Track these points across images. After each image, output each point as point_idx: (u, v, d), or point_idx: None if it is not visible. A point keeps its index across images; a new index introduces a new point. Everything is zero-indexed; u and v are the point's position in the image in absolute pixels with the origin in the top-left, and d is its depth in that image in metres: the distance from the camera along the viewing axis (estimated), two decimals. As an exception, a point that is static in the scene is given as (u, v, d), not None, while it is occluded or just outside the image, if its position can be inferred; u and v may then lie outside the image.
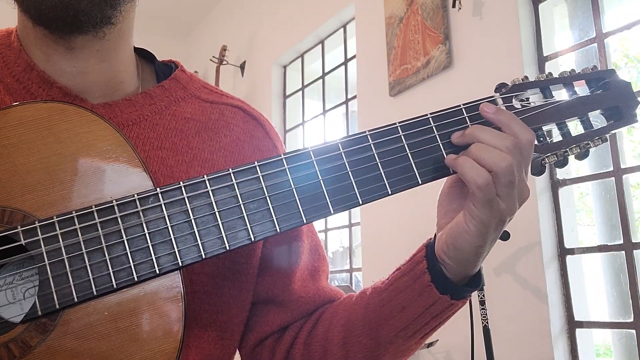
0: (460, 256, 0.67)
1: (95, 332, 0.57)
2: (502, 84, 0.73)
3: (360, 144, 0.66)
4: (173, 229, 0.60)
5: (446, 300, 0.69)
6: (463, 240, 0.66)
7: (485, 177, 0.63)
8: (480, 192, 0.63)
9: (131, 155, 0.62)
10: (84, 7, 0.66)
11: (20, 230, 0.57)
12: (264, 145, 0.83)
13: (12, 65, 0.73)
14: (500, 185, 0.64)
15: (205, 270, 0.73)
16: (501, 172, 0.63)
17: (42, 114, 0.62)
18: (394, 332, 0.72)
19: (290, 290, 0.82)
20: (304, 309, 0.82)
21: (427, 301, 0.69)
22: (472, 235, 0.65)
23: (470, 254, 0.67)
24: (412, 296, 0.70)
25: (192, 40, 5.98)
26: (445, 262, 0.69)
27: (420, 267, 0.70)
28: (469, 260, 0.67)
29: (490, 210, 0.64)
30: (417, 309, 0.70)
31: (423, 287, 0.69)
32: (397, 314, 0.72)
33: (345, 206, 0.64)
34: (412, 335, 0.73)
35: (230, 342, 0.77)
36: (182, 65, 0.85)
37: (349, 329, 0.76)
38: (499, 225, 0.66)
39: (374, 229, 3.23)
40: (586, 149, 0.72)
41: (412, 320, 0.71)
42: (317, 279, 0.85)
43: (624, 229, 2.20)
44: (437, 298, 0.69)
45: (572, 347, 2.31)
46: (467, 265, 0.68)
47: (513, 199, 0.65)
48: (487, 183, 0.63)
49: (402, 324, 0.72)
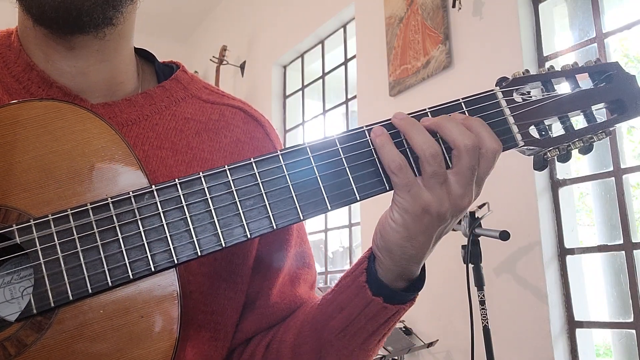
0: (387, 247, 0.65)
1: (91, 331, 0.57)
2: (502, 78, 0.71)
3: (357, 139, 0.66)
4: (168, 227, 0.60)
5: (379, 303, 0.66)
6: (389, 228, 0.64)
7: (398, 161, 0.62)
8: (395, 177, 0.62)
9: (127, 153, 0.62)
10: (87, 8, 0.66)
11: (16, 229, 0.57)
12: (264, 146, 0.83)
13: (12, 65, 0.73)
14: (425, 173, 0.62)
15: (202, 271, 0.73)
16: (424, 159, 0.62)
17: (37, 112, 0.61)
18: (334, 333, 0.70)
19: (269, 294, 0.81)
20: (277, 315, 0.81)
21: (361, 302, 0.67)
22: (396, 223, 0.63)
23: (396, 245, 0.64)
24: (349, 296, 0.69)
25: (192, 40, 5.98)
26: (377, 257, 0.67)
27: (361, 268, 0.68)
28: (395, 253, 0.65)
29: (409, 196, 0.62)
30: (353, 310, 0.68)
31: (359, 288, 0.68)
32: (337, 314, 0.70)
33: (343, 202, 0.64)
34: (352, 337, 0.70)
35: (224, 343, 0.77)
36: (183, 66, 0.85)
37: (300, 330, 0.75)
38: (426, 220, 0.62)
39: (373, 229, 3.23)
40: (589, 142, 0.71)
41: (350, 321, 0.69)
42: (296, 286, 0.84)
43: (624, 229, 2.20)
44: (370, 299, 0.67)
45: (572, 347, 2.31)
46: (396, 262, 0.66)
47: (441, 195, 0.62)
48: (399, 167, 0.62)
49: (341, 324, 0.70)
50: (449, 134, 0.63)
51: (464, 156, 0.62)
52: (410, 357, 2.87)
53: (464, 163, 0.62)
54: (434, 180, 0.62)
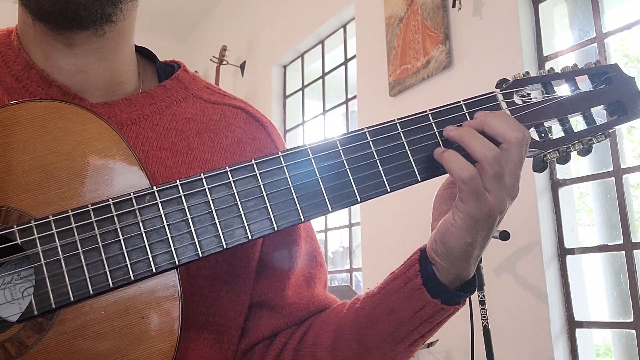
0: (449, 253, 0.65)
1: (92, 332, 0.57)
2: (503, 80, 0.72)
3: (358, 141, 0.65)
4: (169, 228, 0.59)
5: (436, 305, 0.67)
6: (451, 235, 0.64)
7: (470, 169, 0.62)
8: (465, 186, 0.62)
9: (127, 154, 0.62)
10: (84, 2, 0.66)
11: (16, 230, 0.57)
12: (265, 147, 0.82)
13: (11, 64, 0.73)
14: (487, 177, 0.63)
15: (203, 273, 0.73)
16: (487, 163, 0.62)
17: (37, 113, 0.61)
18: (382, 336, 0.70)
19: (284, 295, 0.80)
20: (296, 315, 0.81)
21: (416, 304, 0.68)
22: (460, 229, 0.64)
23: (459, 250, 0.65)
24: (402, 299, 0.69)
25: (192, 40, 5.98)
26: (435, 262, 0.67)
27: (413, 270, 0.68)
28: (458, 258, 0.65)
29: (478, 203, 0.63)
30: (406, 312, 0.68)
31: (413, 290, 0.68)
32: (385, 317, 0.70)
33: (344, 204, 0.64)
34: (401, 340, 0.70)
35: (227, 346, 0.76)
36: (185, 65, 0.84)
37: (338, 334, 0.75)
38: (489, 221, 0.64)
39: (374, 229, 3.23)
40: (589, 144, 0.71)
41: (401, 324, 0.69)
42: (312, 286, 0.83)
43: (624, 229, 2.20)
44: (427, 301, 0.67)
45: (572, 347, 2.31)
46: (457, 265, 0.66)
47: (501, 193, 0.63)
48: (471, 176, 0.62)
49: (390, 327, 0.70)
50: (497, 128, 0.64)
51: (515, 148, 0.63)
52: (410, 357, 2.87)
53: (515, 154, 0.64)
54: (496, 181, 0.63)
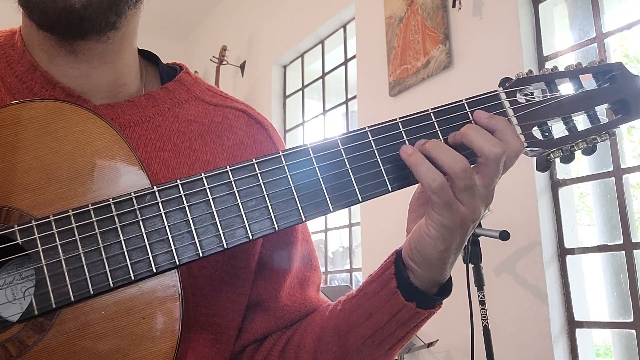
0: (425, 260, 0.65)
1: (92, 332, 0.57)
2: (506, 79, 0.71)
3: (359, 140, 0.65)
4: (170, 228, 0.59)
5: (412, 308, 0.67)
6: (426, 244, 0.64)
7: (439, 180, 0.61)
8: (435, 196, 0.61)
9: (128, 154, 0.62)
10: (89, 15, 0.66)
11: (17, 230, 0.57)
12: (267, 149, 0.82)
13: (15, 65, 0.73)
14: (458, 188, 0.62)
15: (202, 273, 0.73)
16: (455, 176, 0.61)
17: (38, 113, 0.61)
18: (361, 339, 0.70)
19: (278, 297, 0.80)
20: (287, 318, 0.81)
21: (392, 308, 0.67)
22: (434, 239, 0.63)
23: (435, 258, 0.64)
24: (378, 303, 0.68)
25: (192, 40, 5.98)
26: (411, 267, 0.67)
27: (388, 273, 0.68)
28: (434, 264, 0.65)
29: (450, 213, 0.62)
30: (383, 316, 0.68)
31: (389, 294, 0.67)
32: (364, 321, 0.70)
33: (345, 203, 0.63)
34: (380, 343, 0.70)
35: (226, 346, 0.77)
36: (187, 67, 0.85)
37: (320, 336, 0.75)
38: (462, 229, 0.63)
39: (374, 229, 3.23)
40: (593, 143, 0.70)
41: (379, 327, 0.69)
42: (306, 289, 0.84)
43: (624, 229, 2.20)
44: (402, 305, 0.67)
45: (572, 347, 2.31)
46: (433, 271, 0.66)
47: (474, 203, 0.62)
48: (441, 186, 0.61)
49: (368, 331, 0.69)
50: (475, 141, 0.63)
51: (492, 163, 0.62)
52: (410, 357, 2.87)
53: (492, 169, 0.62)
54: (467, 192, 0.62)
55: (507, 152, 0.63)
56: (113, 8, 0.68)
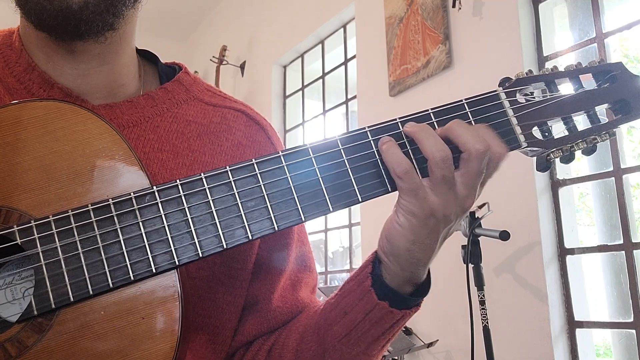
0: (395, 252, 0.65)
1: (92, 332, 0.57)
2: (505, 79, 0.71)
3: (359, 140, 0.65)
4: (170, 228, 0.59)
5: (384, 307, 0.66)
6: (395, 232, 0.64)
7: (404, 165, 0.62)
8: (400, 181, 0.62)
9: (128, 154, 0.62)
10: (86, 16, 0.66)
11: (16, 230, 0.57)
12: (265, 150, 0.82)
13: (13, 65, 0.73)
14: (434, 177, 0.62)
15: (200, 275, 0.73)
16: (434, 163, 0.61)
17: (38, 113, 0.61)
18: (338, 338, 0.70)
19: (271, 298, 0.80)
20: (279, 319, 0.81)
21: (366, 306, 0.67)
22: (403, 226, 0.63)
23: (403, 249, 0.64)
24: (353, 301, 0.68)
25: (192, 40, 5.98)
26: (383, 261, 0.66)
27: (365, 272, 0.68)
28: (403, 257, 0.64)
29: (416, 200, 0.62)
30: (357, 315, 0.68)
31: (364, 292, 0.67)
32: (340, 319, 0.69)
33: (345, 204, 0.63)
34: (355, 343, 0.69)
35: (222, 346, 0.77)
36: (186, 67, 0.85)
37: (303, 335, 0.75)
38: (431, 221, 0.62)
39: (374, 229, 3.23)
40: (593, 143, 0.70)
41: (354, 326, 0.68)
42: (297, 290, 0.83)
43: (624, 229, 2.20)
44: (375, 304, 0.66)
45: (572, 347, 2.31)
46: (403, 265, 0.65)
47: (448, 198, 0.62)
48: (405, 171, 0.61)
49: (344, 329, 0.69)
50: (461, 136, 0.63)
51: (474, 160, 0.62)
52: (410, 357, 2.87)
53: (474, 166, 0.62)
54: (443, 184, 0.62)
55: (491, 153, 0.63)
56: (110, 9, 0.68)
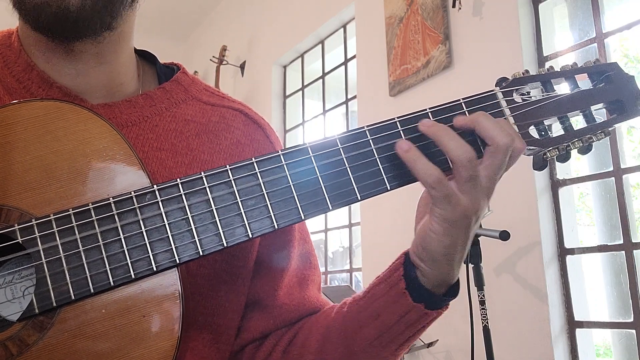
0: (431, 258, 0.65)
1: (93, 330, 0.57)
2: (502, 78, 0.72)
3: (358, 139, 0.65)
4: (170, 226, 0.60)
5: (420, 309, 0.67)
6: (430, 240, 0.64)
7: (436, 174, 0.61)
8: (434, 191, 0.62)
9: (128, 153, 0.62)
10: (84, 17, 0.66)
11: (17, 229, 0.57)
12: (264, 149, 0.83)
13: (12, 65, 0.73)
14: (461, 178, 0.62)
15: (201, 273, 0.73)
16: (461, 165, 0.62)
17: (38, 112, 0.61)
18: (368, 340, 0.70)
19: (276, 295, 0.80)
20: (286, 317, 0.81)
21: (401, 309, 0.67)
22: (438, 234, 0.63)
23: (440, 254, 0.64)
24: (386, 304, 0.68)
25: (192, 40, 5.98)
26: (419, 266, 0.67)
27: (397, 274, 0.68)
28: (440, 261, 0.65)
29: (450, 206, 0.62)
30: (391, 317, 0.68)
31: (398, 295, 0.67)
32: (371, 321, 0.70)
33: (344, 202, 0.64)
34: (387, 344, 0.70)
35: (225, 346, 0.77)
36: (184, 67, 0.85)
37: (326, 336, 0.75)
38: (465, 222, 0.63)
39: (374, 229, 3.23)
40: (589, 142, 0.71)
41: (387, 328, 0.69)
42: (305, 288, 0.84)
43: (624, 229, 2.20)
44: (411, 306, 0.67)
45: (572, 347, 2.31)
46: (440, 268, 0.66)
47: (476, 194, 0.63)
48: (438, 180, 0.61)
49: (376, 332, 0.70)
50: (488, 130, 0.63)
51: (500, 153, 0.63)
52: (410, 357, 2.87)
53: (499, 159, 0.63)
54: (470, 183, 0.62)
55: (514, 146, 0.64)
56: (108, 9, 0.68)
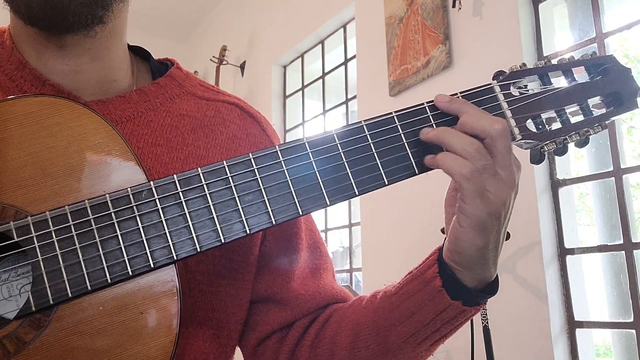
0: (465, 260, 0.65)
1: (90, 327, 0.57)
2: (499, 72, 0.72)
3: (356, 134, 0.65)
4: (167, 223, 0.59)
5: (457, 307, 0.66)
6: (462, 242, 0.64)
7: (468, 165, 0.61)
8: (469, 183, 0.61)
9: (124, 149, 0.62)
10: (73, 9, 0.66)
11: (13, 227, 0.57)
12: (260, 143, 0.83)
13: (4, 63, 0.73)
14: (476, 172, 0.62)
15: (201, 269, 0.73)
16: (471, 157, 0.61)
17: (32, 108, 0.61)
18: (403, 338, 0.70)
19: (289, 288, 0.80)
20: (303, 306, 0.81)
21: (437, 307, 0.67)
22: (469, 235, 0.63)
23: (474, 256, 0.64)
24: (422, 301, 0.68)
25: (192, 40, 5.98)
26: (456, 270, 0.66)
27: (431, 271, 0.67)
28: (475, 263, 0.65)
29: (482, 201, 0.61)
30: (427, 315, 0.68)
31: (434, 292, 0.67)
32: (406, 319, 0.69)
33: (342, 197, 0.64)
34: (422, 341, 0.70)
35: (227, 341, 0.76)
36: (178, 63, 0.85)
37: (357, 332, 0.74)
38: (494, 218, 0.63)
39: (374, 229, 3.23)
40: (586, 136, 0.71)
41: (422, 326, 0.69)
42: (318, 277, 0.83)
43: (624, 229, 2.20)
44: (448, 304, 0.66)
45: (572, 347, 2.31)
46: (476, 269, 0.65)
47: (499, 185, 0.62)
48: (472, 171, 0.61)
49: (411, 329, 0.69)
50: (476, 125, 0.63)
51: (499, 140, 0.63)
52: None
53: (500, 146, 0.63)
54: (487, 173, 0.62)
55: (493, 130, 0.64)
56: (100, 2, 0.68)
